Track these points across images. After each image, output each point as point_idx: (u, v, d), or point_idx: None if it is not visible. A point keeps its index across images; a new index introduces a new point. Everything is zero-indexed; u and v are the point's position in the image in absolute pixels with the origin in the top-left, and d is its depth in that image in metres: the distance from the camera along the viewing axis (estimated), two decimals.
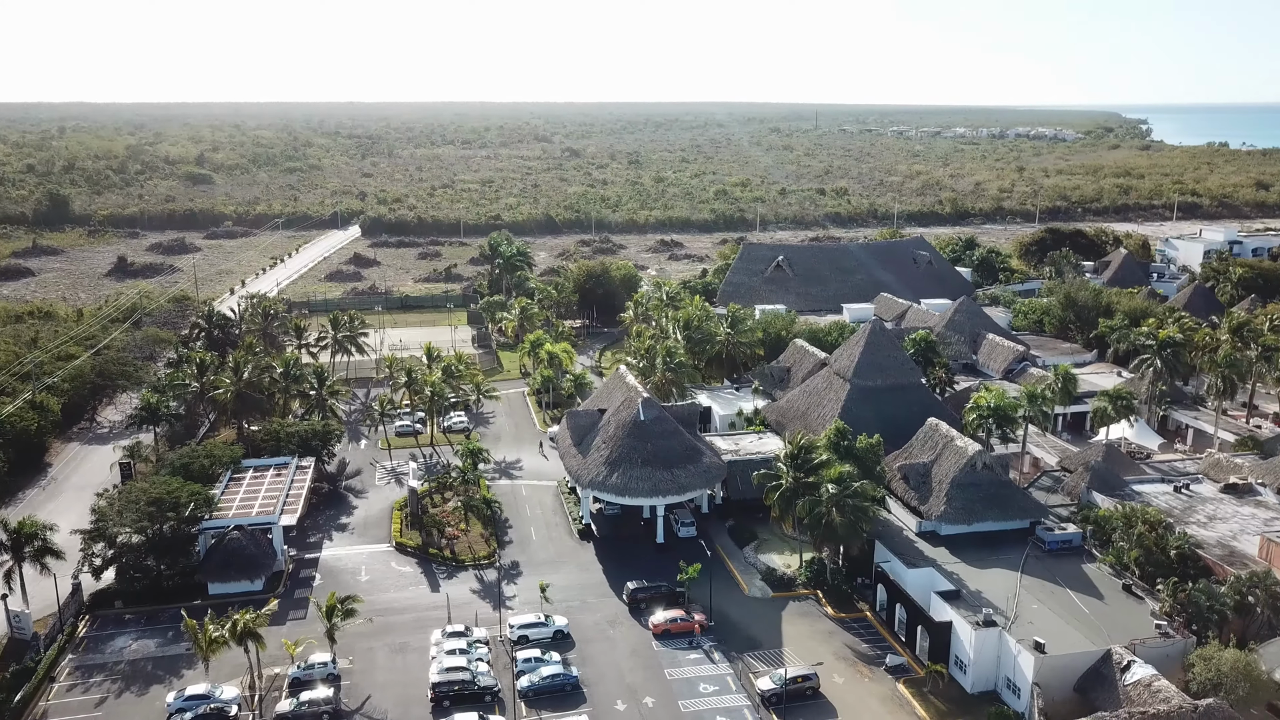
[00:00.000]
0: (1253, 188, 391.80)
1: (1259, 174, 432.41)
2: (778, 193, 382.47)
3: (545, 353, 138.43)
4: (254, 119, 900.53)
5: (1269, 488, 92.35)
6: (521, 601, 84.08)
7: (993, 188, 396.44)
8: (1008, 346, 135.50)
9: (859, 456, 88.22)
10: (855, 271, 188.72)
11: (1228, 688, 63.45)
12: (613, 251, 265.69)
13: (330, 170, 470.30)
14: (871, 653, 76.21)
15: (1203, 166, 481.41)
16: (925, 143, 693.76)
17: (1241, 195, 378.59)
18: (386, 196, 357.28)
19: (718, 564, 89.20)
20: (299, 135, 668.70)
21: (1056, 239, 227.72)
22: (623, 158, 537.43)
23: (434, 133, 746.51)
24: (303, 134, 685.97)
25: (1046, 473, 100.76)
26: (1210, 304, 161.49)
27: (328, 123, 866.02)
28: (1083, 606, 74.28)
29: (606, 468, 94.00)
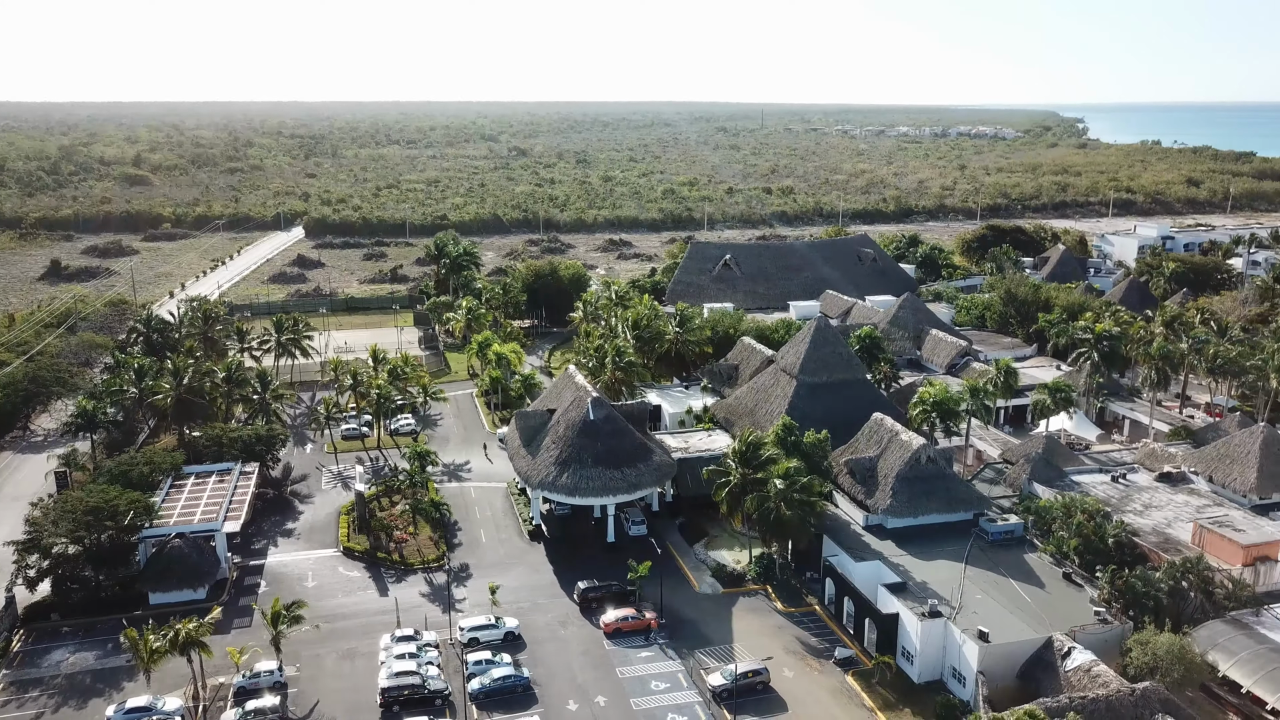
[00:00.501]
0: (1184, 184, 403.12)
1: (1190, 171, 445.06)
2: (725, 192, 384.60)
3: (493, 353, 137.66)
4: (192, 119, 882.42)
5: (1201, 476, 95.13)
6: (472, 604, 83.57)
7: (935, 186, 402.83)
8: (950, 342, 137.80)
9: (806, 452, 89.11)
10: (801, 269, 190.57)
11: (1163, 671, 65.25)
12: (561, 251, 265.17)
13: (272, 171, 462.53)
14: (820, 646, 77.06)
15: (1137, 164, 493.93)
16: (870, 141, 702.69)
17: (1173, 192, 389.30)
18: (330, 197, 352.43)
19: (668, 561, 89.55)
20: (240, 135, 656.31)
21: (997, 236, 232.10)
22: (570, 157, 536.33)
23: (378, 132, 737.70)
24: (243, 134, 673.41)
25: (989, 465, 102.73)
26: (1145, 298, 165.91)
27: (269, 122, 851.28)
28: (1025, 595, 75.84)
29: (556, 468, 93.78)
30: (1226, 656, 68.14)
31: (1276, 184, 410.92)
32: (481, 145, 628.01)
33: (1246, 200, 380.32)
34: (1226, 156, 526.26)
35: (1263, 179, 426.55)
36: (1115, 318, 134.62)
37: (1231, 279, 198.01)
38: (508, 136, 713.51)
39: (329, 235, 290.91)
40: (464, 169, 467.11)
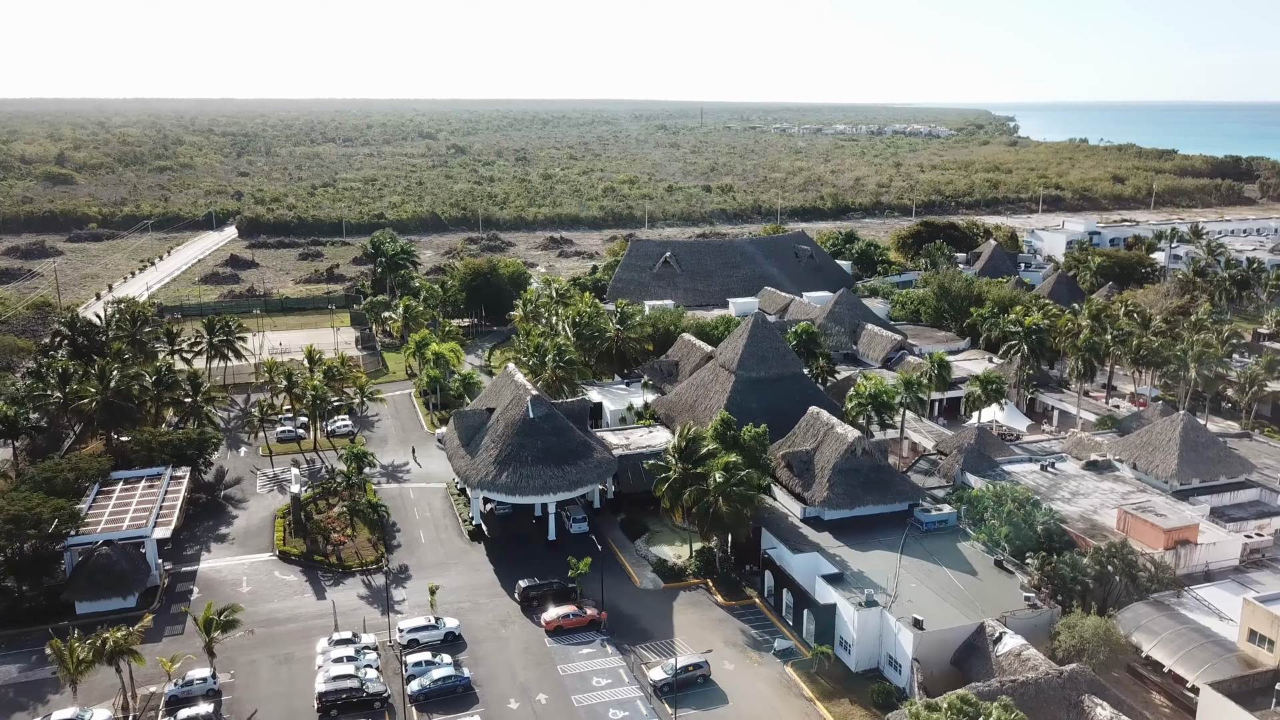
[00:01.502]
0: (1110, 181, 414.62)
1: (1115, 168, 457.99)
2: (666, 190, 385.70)
3: (431, 353, 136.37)
4: (118, 116, 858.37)
5: (1125, 463, 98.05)
6: (411, 605, 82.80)
7: (871, 183, 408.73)
8: (886, 336, 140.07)
9: (745, 446, 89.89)
10: (740, 266, 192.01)
11: (1090, 652, 67.20)
12: (501, 249, 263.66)
13: (203, 169, 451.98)
14: (760, 638, 77.85)
15: (1065, 161, 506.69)
16: (807, 140, 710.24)
17: (1100, 189, 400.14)
18: (264, 196, 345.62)
19: (609, 558, 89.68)
20: (168, 133, 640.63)
21: (931, 232, 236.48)
22: (510, 155, 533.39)
23: (313, 130, 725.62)
24: (172, 132, 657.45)
25: (923, 456, 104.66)
26: (1072, 291, 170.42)
27: (200, 120, 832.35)
28: (958, 583, 77.49)
29: (496, 467, 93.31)
30: (1149, 637, 70.41)
31: (1197, 180, 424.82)
32: (420, 143, 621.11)
33: (1168, 196, 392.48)
34: (1150, 154, 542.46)
35: (1183, 176, 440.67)
36: (1044, 311, 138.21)
37: (1154, 273, 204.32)
38: (446, 134, 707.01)
39: (263, 235, 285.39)
40: (402, 167, 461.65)
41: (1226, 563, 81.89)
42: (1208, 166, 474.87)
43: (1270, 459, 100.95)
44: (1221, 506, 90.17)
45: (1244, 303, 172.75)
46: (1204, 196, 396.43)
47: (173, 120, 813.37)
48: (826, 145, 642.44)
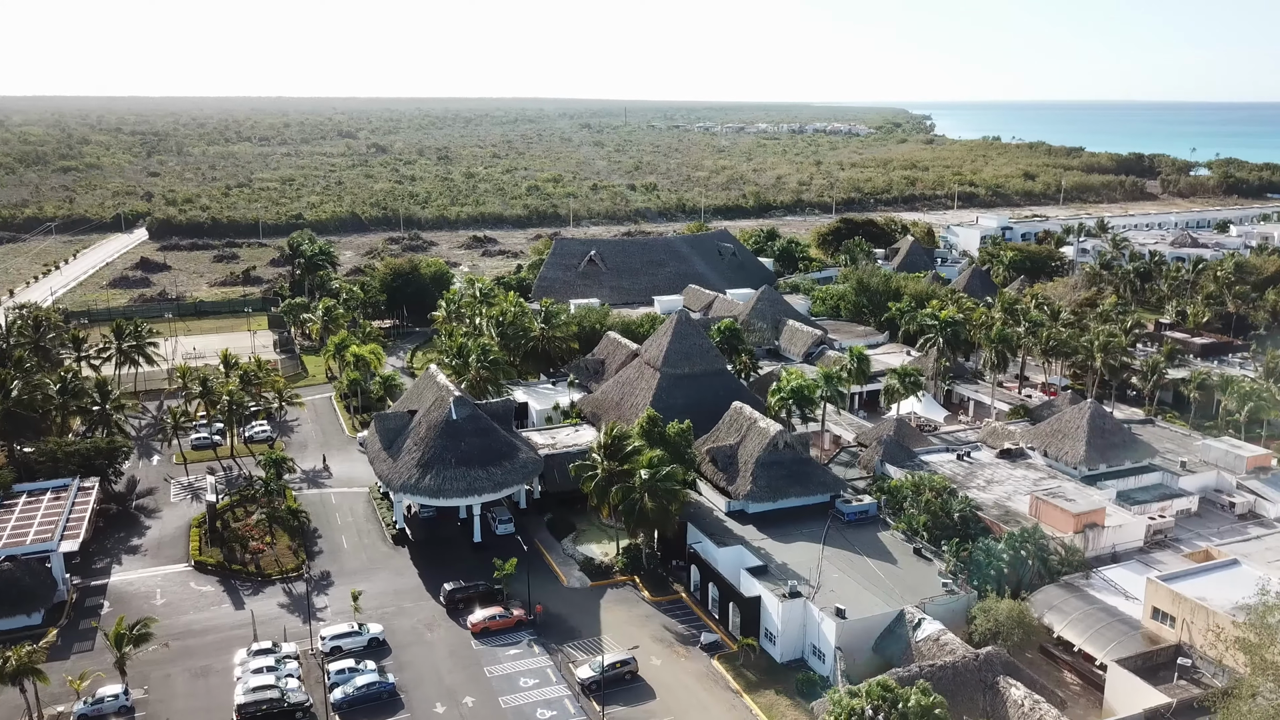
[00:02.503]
0: (1021, 178, 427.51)
1: (1026, 165, 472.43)
2: (590, 188, 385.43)
3: (352, 355, 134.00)
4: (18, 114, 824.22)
5: (1037, 451, 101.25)
6: (334, 612, 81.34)
7: (792, 181, 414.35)
8: (807, 331, 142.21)
9: (670, 442, 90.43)
10: (665, 264, 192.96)
11: (1004, 635, 69.26)
12: (423, 249, 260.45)
13: (111, 170, 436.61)
14: (687, 632, 78.40)
15: (979, 159, 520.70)
16: (730, 139, 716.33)
17: (1012, 185, 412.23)
18: (176, 197, 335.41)
19: (536, 557, 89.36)
20: (73, 132, 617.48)
21: (851, 228, 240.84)
22: (432, 153, 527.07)
23: (228, 129, 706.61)
24: (78, 130, 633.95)
25: (844, 448, 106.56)
26: (986, 285, 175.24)
27: (107, 119, 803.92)
28: (878, 572, 79.12)
29: (419, 470, 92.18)
30: (1060, 618, 72.86)
31: (1103, 177, 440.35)
32: (339, 142, 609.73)
33: (1077, 192, 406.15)
34: (1059, 151, 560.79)
35: (1090, 172, 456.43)
36: (959, 305, 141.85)
37: (1063, 266, 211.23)
38: (366, 133, 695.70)
39: (175, 237, 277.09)
40: (320, 166, 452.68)
41: (1132, 544, 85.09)
42: (1113, 163, 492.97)
43: (1171, 444, 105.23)
44: (1127, 490, 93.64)
45: (1147, 294, 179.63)
46: (1109, 192, 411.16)
47: (77, 119, 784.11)
48: (749, 144, 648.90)
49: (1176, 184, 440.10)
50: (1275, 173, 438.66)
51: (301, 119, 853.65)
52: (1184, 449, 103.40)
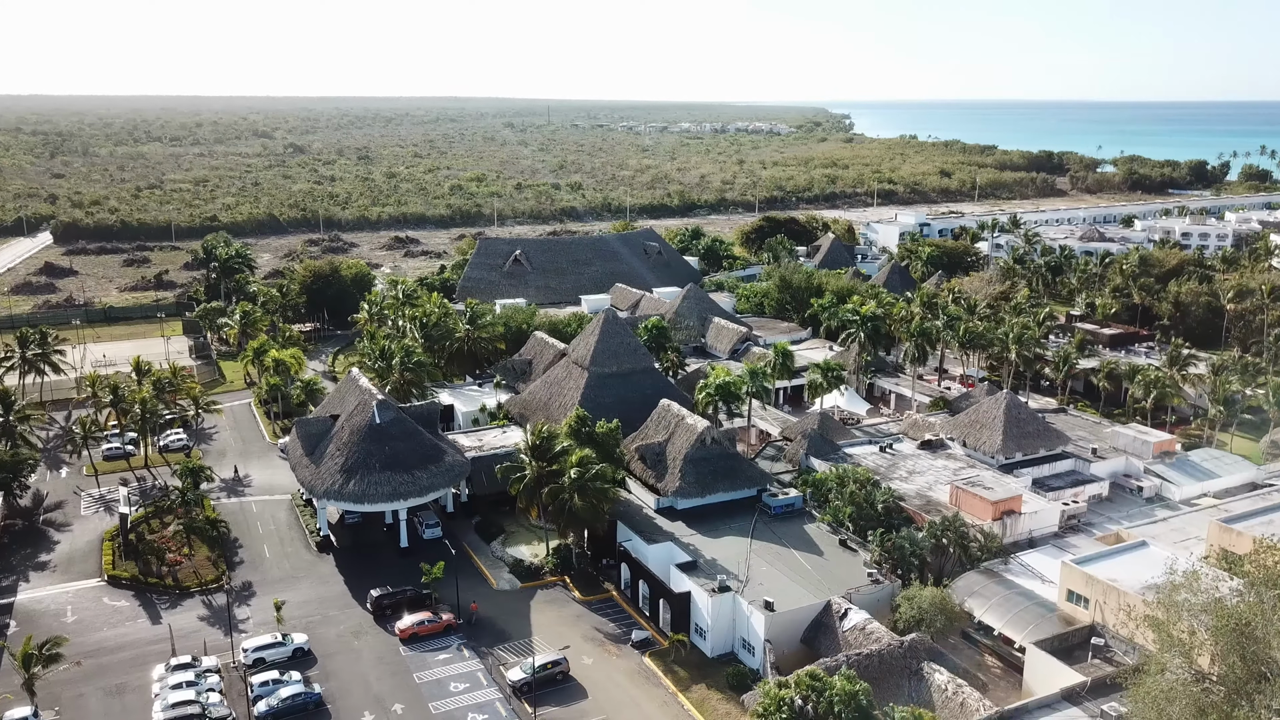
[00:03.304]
0: (938, 175, 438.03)
1: (942, 163, 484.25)
2: (514, 187, 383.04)
3: (271, 359, 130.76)
4: None
5: (956, 441, 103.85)
6: (256, 623, 79.36)
7: (716, 180, 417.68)
8: (732, 328, 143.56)
9: (599, 441, 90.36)
10: (592, 263, 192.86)
11: (928, 622, 70.85)
12: (344, 250, 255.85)
13: (11, 171, 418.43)
14: (618, 631, 78.47)
15: (897, 157, 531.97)
16: (654, 138, 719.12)
17: (929, 182, 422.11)
18: (83, 199, 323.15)
19: (464, 561, 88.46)
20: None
21: (773, 226, 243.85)
22: (351, 153, 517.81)
23: (137, 129, 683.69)
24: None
25: (770, 443, 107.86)
26: (905, 281, 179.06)
27: (5, 118, 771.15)
28: (805, 564, 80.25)
29: (342, 475, 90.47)
30: (981, 603, 74.84)
31: (1015, 174, 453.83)
32: (255, 142, 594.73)
33: (991, 189, 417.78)
34: (973, 150, 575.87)
35: (1004, 170, 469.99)
36: (879, 300, 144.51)
37: (979, 261, 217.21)
38: (283, 133, 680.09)
39: (82, 240, 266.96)
40: (235, 167, 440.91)
41: (1047, 529, 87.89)
42: (1024, 161, 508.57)
43: (1083, 431, 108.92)
44: (1041, 477, 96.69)
45: (1058, 287, 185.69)
46: (1021, 189, 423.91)
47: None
48: (672, 143, 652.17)
49: (1084, 180, 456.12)
50: (1176, 169, 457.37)
51: (214, 118, 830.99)
52: (1095, 436, 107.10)
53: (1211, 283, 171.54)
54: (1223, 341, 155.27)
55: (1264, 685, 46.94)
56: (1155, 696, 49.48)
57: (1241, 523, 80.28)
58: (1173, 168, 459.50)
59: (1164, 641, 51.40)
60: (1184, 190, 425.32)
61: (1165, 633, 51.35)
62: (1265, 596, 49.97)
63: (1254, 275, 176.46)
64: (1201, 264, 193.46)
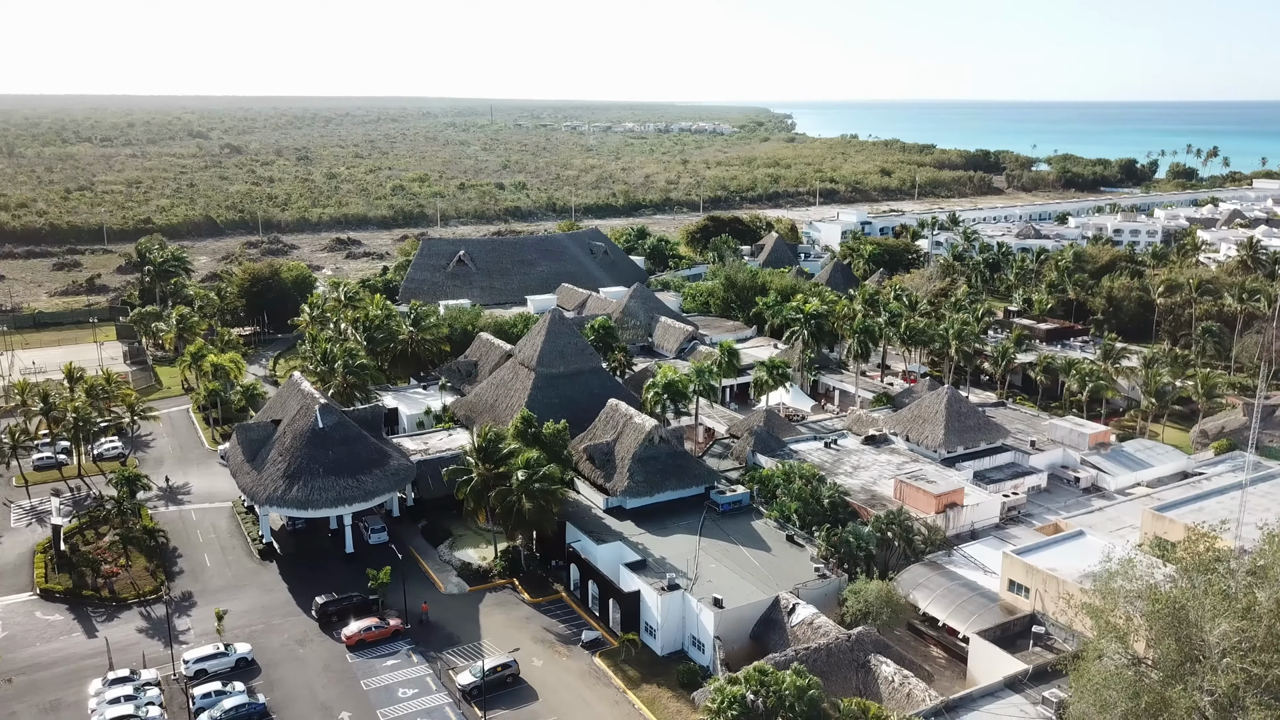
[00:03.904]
0: (878, 174, 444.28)
1: (883, 162, 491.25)
2: (458, 188, 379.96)
3: (209, 364, 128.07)
4: None
5: (899, 436, 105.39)
6: (197, 633, 77.68)
7: (661, 180, 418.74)
8: (679, 328, 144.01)
9: (546, 442, 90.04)
10: (537, 263, 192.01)
11: (874, 615, 71.75)
12: (284, 252, 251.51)
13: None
14: (568, 631, 78.28)
15: (838, 156, 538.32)
16: (598, 138, 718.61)
17: (870, 181, 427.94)
18: (9, 201, 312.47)
19: (411, 565, 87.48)
20: None
21: (718, 226, 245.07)
22: (290, 154, 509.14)
23: (65, 129, 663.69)
24: None
25: (717, 440, 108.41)
26: (848, 278, 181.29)
27: None
28: (753, 560, 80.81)
29: (285, 481, 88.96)
30: (926, 595, 76.06)
31: (953, 172, 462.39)
32: (189, 143, 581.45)
33: (930, 187, 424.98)
34: (912, 149, 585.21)
35: (942, 168, 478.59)
36: (823, 298, 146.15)
37: (919, 259, 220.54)
38: (219, 133, 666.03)
39: (9, 244, 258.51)
40: (170, 168, 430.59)
41: (989, 521, 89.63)
42: (962, 160, 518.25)
43: (1022, 424, 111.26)
44: (983, 470, 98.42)
45: (996, 283, 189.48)
46: (960, 187, 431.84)
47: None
48: (617, 143, 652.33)
49: (1020, 179, 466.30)
50: (1107, 168, 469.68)
51: (147, 118, 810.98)
52: (1033, 429, 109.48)
53: (1142, 278, 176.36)
54: (1153, 335, 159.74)
55: (1196, 667, 48.33)
56: (1094, 682, 50.65)
57: (1173, 510, 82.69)
58: (1104, 166, 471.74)
59: (1101, 628, 52.64)
60: (1115, 188, 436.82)
61: (1103, 619, 52.59)
62: (1197, 581, 51.45)
63: (1182, 270, 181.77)
64: (1133, 260, 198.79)
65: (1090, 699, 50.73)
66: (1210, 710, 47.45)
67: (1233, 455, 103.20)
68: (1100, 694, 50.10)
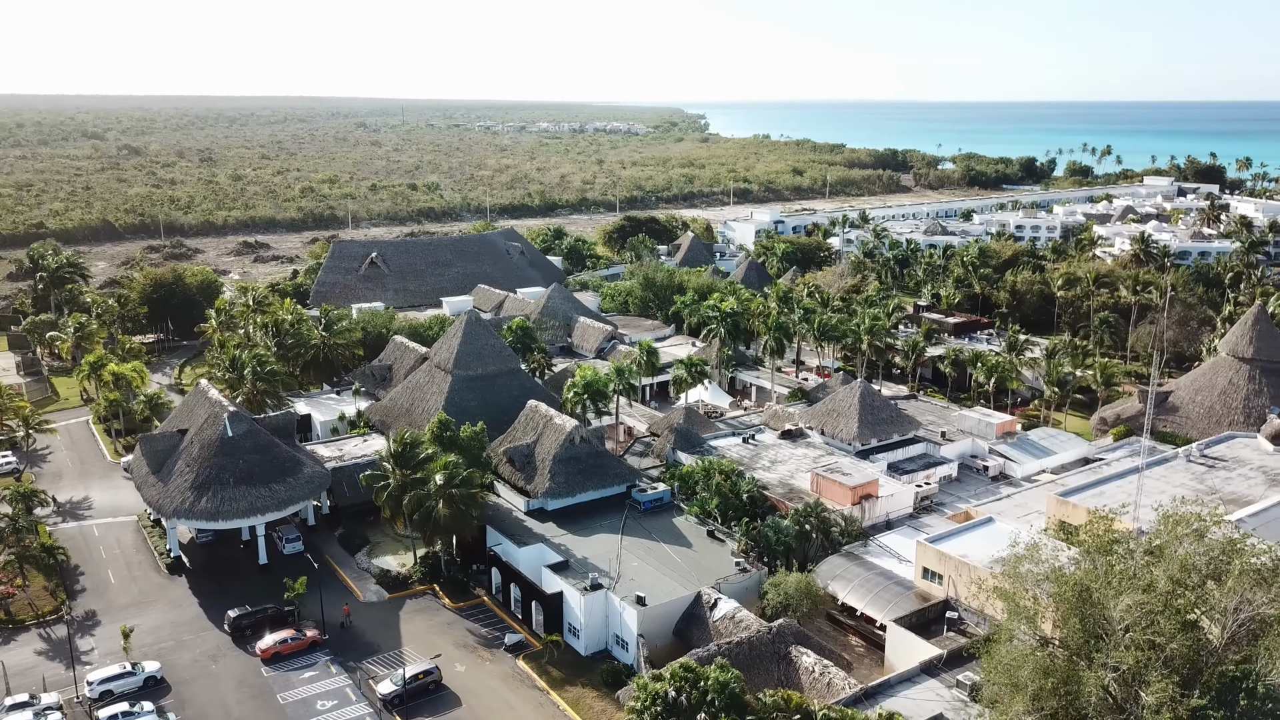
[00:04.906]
0: (791, 174, 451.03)
1: (794, 162, 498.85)
2: (369, 189, 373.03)
3: (110, 374, 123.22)
4: None
5: (815, 430, 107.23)
6: (102, 653, 74.67)
7: (577, 180, 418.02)
8: (598, 327, 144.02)
9: (464, 445, 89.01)
10: (452, 265, 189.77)
11: (794, 607, 72.90)
12: (188, 257, 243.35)
13: None
14: (490, 635, 77.59)
15: (751, 156, 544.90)
16: (512, 137, 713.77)
17: (782, 181, 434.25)
18: None
19: (329, 574, 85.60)
20: None
21: (635, 226, 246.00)
22: (193, 155, 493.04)
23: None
24: None
25: (638, 439, 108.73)
26: (762, 276, 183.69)
27: None
28: (676, 557, 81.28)
29: (193, 492, 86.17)
30: (844, 585, 77.53)
31: (863, 171, 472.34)
32: (84, 144, 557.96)
33: (841, 186, 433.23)
34: (823, 148, 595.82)
35: (852, 167, 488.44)
36: (739, 296, 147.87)
37: (831, 256, 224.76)
38: (116, 134, 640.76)
39: None
40: (63, 170, 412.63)
41: (903, 511, 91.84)
42: (871, 159, 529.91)
43: (932, 416, 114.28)
44: (896, 461, 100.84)
45: (905, 279, 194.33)
46: (869, 186, 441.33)
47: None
48: (531, 143, 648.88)
49: (926, 177, 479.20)
50: (1008, 166, 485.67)
51: (37, 118, 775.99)
52: (943, 420, 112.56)
53: (1043, 272, 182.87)
54: (1055, 326, 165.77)
55: (1101, 644, 50.33)
56: (1005, 663, 52.30)
57: (1076, 495, 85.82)
58: (1006, 165, 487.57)
59: (1011, 610, 54.40)
60: (1016, 185, 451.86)
61: (1012, 602, 54.35)
62: (1099, 562, 53.60)
63: (1080, 264, 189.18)
64: (1034, 254, 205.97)
65: (1002, 680, 52.38)
66: (1115, 686, 49.47)
67: (1130, 441, 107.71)
68: (1011, 675, 51.77)
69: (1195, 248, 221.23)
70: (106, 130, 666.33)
